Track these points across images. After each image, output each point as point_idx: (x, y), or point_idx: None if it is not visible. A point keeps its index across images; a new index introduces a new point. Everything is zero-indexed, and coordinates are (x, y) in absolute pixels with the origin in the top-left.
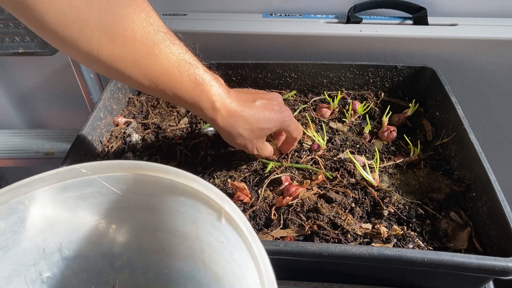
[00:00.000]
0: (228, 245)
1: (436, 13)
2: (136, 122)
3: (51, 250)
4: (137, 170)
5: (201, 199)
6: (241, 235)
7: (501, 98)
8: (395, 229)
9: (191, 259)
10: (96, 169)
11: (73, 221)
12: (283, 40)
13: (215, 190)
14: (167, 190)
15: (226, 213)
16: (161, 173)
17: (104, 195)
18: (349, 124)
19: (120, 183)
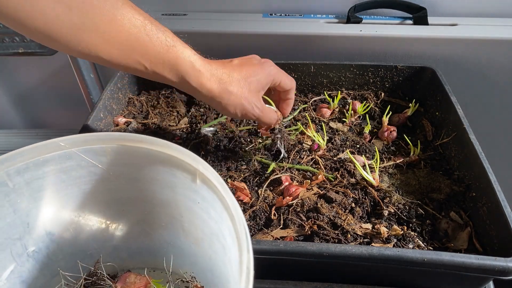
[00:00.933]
0: (205, 205)
1: (436, 13)
2: (136, 122)
3: (35, 224)
4: (114, 141)
5: (176, 164)
6: (214, 190)
7: (501, 98)
8: (395, 229)
9: (171, 226)
10: (75, 142)
11: (55, 195)
12: (283, 40)
13: (188, 153)
14: (143, 158)
15: (200, 173)
16: (136, 142)
17: (84, 168)
18: (349, 124)
19: (99, 155)
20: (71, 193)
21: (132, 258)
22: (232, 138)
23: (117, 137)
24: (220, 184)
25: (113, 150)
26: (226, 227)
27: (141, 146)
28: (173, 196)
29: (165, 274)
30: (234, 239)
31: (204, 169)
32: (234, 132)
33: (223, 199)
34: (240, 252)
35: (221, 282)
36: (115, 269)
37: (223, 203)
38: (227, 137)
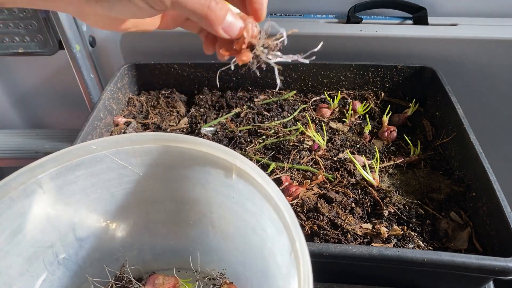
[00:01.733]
0: (240, 198)
1: (436, 13)
2: (136, 122)
3: (66, 231)
4: (146, 142)
5: (209, 161)
6: (253, 184)
7: (501, 98)
8: (395, 229)
9: (200, 224)
10: (106, 144)
11: (85, 200)
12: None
13: (224, 149)
14: (174, 157)
15: (237, 168)
16: (169, 141)
17: (113, 170)
18: (349, 124)
19: (130, 156)
20: (100, 197)
21: (156, 259)
22: (232, 138)
23: (149, 138)
24: (261, 177)
25: (144, 151)
26: (267, 219)
27: (175, 145)
28: (204, 193)
29: (191, 273)
30: (280, 229)
31: (242, 163)
32: (234, 132)
33: (264, 191)
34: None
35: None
36: (139, 272)
37: (264, 195)
38: (227, 137)
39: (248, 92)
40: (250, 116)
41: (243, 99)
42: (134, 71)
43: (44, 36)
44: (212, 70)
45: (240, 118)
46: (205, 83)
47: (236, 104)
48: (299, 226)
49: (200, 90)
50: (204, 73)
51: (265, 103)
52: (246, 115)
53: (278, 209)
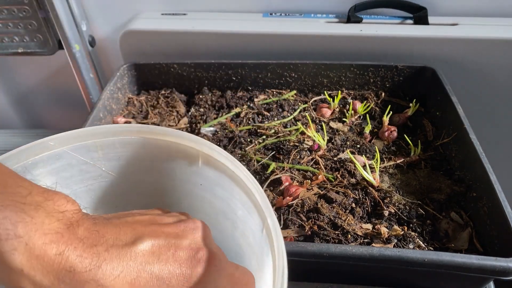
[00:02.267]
0: (209, 185)
1: (436, 13)
2: (136, 122)
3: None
4: (107, 135)
5: (175, 150)
6: (221, 168)
7: (502, 98)
8: (396, 230)
9: None
10: (65, 140)
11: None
12: (283, 40)
13: (189, 137)
14: (138, 150)
15: (204, 154)
16: (132, 133)
17: (74, 167)
18: (349, 124)
19: (91, 151)
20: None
21: None
22: (232, 138)
23: (110, 130)
24: (230, 160)
25: (105, 144)
26: (237, 201)
27: (139, 136)
28: (171, 184)
29: None
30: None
31: (209, 149)
32: (234, 132)
33: (233, 174)
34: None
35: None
36: None
37: (233, 178)
38: (227, 137)
39: (248, 92)
40: (250, 116)
41: (243, 99)
42: (134, 71)
43: (43, 36)
44: (212, 70)
45: (240, 118)
46: (205, 83)
47: (236, 104)
48: (269, 204)
49: (200, 90)
50: (204, 73)
51: (265, 103)
52: (246, 115)
53: (248, 191)
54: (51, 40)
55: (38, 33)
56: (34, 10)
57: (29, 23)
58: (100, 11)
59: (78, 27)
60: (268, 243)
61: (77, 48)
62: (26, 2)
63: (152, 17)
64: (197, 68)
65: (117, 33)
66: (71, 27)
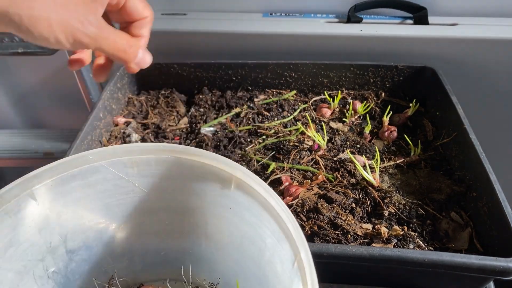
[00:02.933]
0: (238, 209)
1: (436, 13)
2: (136, 122)
3: (57, 243)
4: (144, 152)
5: (208, 172)
6: (253, 194)
7: (502, 98)
8: (396, 230)
9: (193, 234)
10: (103, 154)
11: (78, 211)
12: (283, 40)
13: (223, 160)
14: (173, 168)
15: (237, 179)
16: (168, 152)
17: (109, 181)
18: (349, 124)
19: (127, 167)
20: (94, 208)
21: (146, 270)
22: (232, 138)
23: (148, 148)
24: (262, 187)
25: (141, 161)
26: (267, 229)
27: (174, 156)
28: (200, 204)
29: (181, 284)
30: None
31: (242, 173)
32: (234, 132)
33: (264, 201)
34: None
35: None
36: (127, 284)
37: (264, 205)
38: (227, 137)
39: (248, 92)
40: (250, 116)
41: (243, 99)
42: None
43: None
44: (212, 70)
45: (240, 118)
46: (205, 83)
47: (236, 104)
48: (303, 235)
49: (200, 90)
50: (204, 73)
51: (265, 103)
52: (246, 115)
53: (279, 219)
54: None
55: None
56: None
57: None
58: None
59: None
60: (299, 276)
61: None
62: None
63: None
64: (197, 68)
65: None
66: None
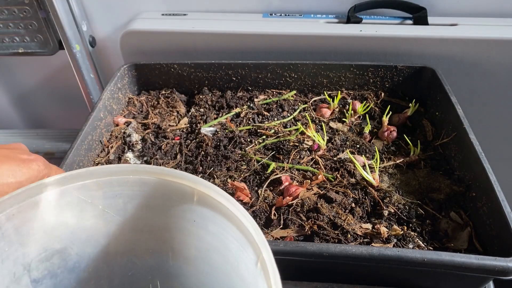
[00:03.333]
0: (203, 222)
1: (436, 13)
2: (136, 122)
3: (20, 274)
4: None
5: (171, 189)
6: (215, 205)
7: (501, 98)
8: (395, 229)
9: (159, 251)
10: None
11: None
12: (283, 40)
13: (184, 176)
14: (135, 188)
15: (200, 192)
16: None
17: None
18: (349, 124)
19: (92, 190)
20: (58, 234)
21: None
22: (232, 138)
23: (110, 170)
24: (224, 197)
25: (105, 183)
26: (230, 236)
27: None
28: (164, 220)
29: None
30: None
31: (205, 187)
32: (234, 132)
33: (227, 211)
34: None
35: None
36: None
37: (227, 215)
38: (227, 137)
39: (248, 92)
40: (250, 116)
41: (243, 99)
42: (134, 71)
43: (44, 36)
44: (212, 70)
45: (240, 118)
46: (205, 83)
47: (236, 104)
48: (264, 238)
49: (200, 90)
50: (204, 73)
51: (265, 103)
52: (246, 115)
53: (241, 226)
54: (52, 40)
55: (39, 33)
56: (35, 10)
57: (29, 24)
58: (100, 11)
59: (79, 27)
60: (263, 276)
61: (77, 48)
62: (27, 2)
63: (153, 18)
64: (197, 68)
65: (117, 33)
66: (71, 27)
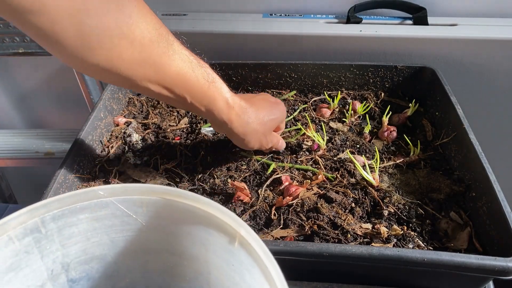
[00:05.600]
0: (240, 268)
1: (436, 13)
2: (136, 122)
3: (59, 271)
4: (155, 194)
5: (214, 223)
6: (255, 257)
7: (501, 98)
8: (395, 229)
9: (196, 281)
10: (114, 191)
11: (84, 242)
12: (283, 40)
13: (230, 214)
14: (180, 213)
15: (241, 237)
16: (176, 197)
17: (117, 217)
18: (349, 124)
19: (136, 206)
20: (99, 241)
21: None
22: None
23: (158, 190)
24: (264, 252)
25: (151, 202)
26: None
27: (182, 201)
28: (204, 253)
29: None
30: None
31: (246, 233)
32: None
33: (265, 269)
34: None
35: None
36: None
37: (264, 273)
38: (227, 137)
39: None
40: None
41: None
42: None
43: None
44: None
45: None
46: None
47: None
48: None
49: None
50: None
51: None
52: None
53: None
54: None
55: None
56: None
57: None
58: None
59: None
60: None
61: None
62: None
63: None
64: None
65: None
66: None
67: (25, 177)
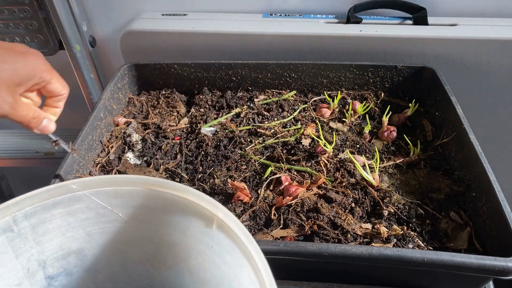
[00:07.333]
0: (219, 249)
1: (436, 13)
2: (136, 122)
3: (35, 269)
4: (128, 184)
5: (191, 209)
6: (234, 239)
7: (501, 98)
8: (395, 229)
9: (176, 267)
10: (87, 184)
11: (59, 238)
12: (283, 40)
13: (207, 198)
14: (156, 201)
15: (219, 219)
16: (150, 185)
17: (92, 210)
18: (349, 124)
19: (111, 197)
20: (75, 236)
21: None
22: (232, 138)
23: (133, 180)
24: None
25: (127, 193)
26: (245, 275)
27: (159, 190)
28: (183, 239)
29: None
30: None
31: (224, 215)
32: (234, 132)
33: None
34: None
35: None
36: None
37: (244, 252)
38: (227, 137)
39: (248, 92)
40: (250, 116)
41: (243, 99)
42: (134, 71)
43: (44, 36)
44: (212, 71)
45: (240, 118)
46: (205, 83)
47: (236, 104)
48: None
49: (200, 90)
50: (204, 73)
51: (265, 103)
52: (246, 115)
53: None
54: (52, 41)
55: (39, 33)
56: (35, 10)
57: (29, 24)
58: (100, 11)
59: (79, 28)
60: None
61: (77, 48)
62: (27, 2)
63: (153, 18)
64: (197, 69)
65: (117, 34)
66: (71, 27)
67: (25, 177)
